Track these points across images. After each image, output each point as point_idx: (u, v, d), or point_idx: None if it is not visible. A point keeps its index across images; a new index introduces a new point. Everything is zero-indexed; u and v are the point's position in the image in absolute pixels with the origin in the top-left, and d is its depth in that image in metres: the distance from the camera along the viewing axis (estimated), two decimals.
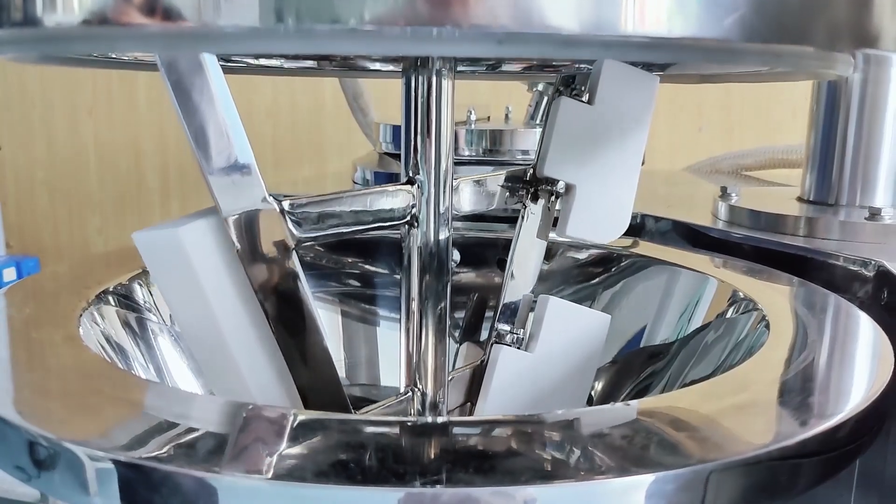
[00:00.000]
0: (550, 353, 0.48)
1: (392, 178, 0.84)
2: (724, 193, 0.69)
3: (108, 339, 0.43)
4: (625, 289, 0.60)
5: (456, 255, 0.64)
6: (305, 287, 0.38)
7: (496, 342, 0.49)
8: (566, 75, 0.48)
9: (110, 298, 0.46)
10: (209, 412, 0.32)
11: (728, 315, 0.49)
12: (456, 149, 0.81)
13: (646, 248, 0.62)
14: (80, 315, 0.40)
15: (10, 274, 1.60)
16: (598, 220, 0.48)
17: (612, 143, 0.47)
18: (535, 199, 0.49)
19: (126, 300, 0.47)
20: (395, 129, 0.86)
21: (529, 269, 0.50)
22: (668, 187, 0.97)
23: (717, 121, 1.38)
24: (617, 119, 0.46)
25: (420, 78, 0.42)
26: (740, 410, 0.32)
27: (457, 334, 0.64)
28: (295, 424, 0.30)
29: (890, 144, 0.65)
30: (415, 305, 0.45)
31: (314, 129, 1.46)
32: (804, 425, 0.30)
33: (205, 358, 0.39)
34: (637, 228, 0.71)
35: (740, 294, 0.49)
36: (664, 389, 0.51)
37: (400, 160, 0.44)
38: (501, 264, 0.55)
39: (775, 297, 0.47)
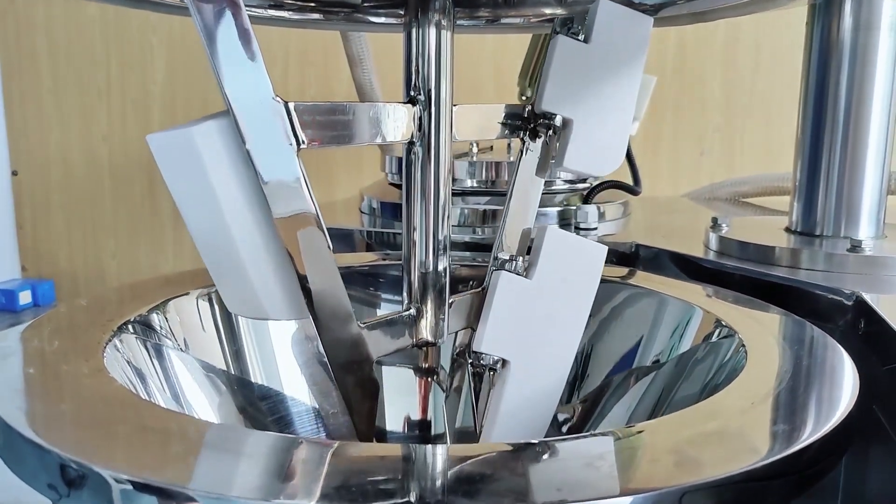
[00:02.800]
0: (549, 280, 0.49)
1: (399, 208, 0.87)
2: (715, 224, 0.71)
3: (130, 366, 0.46)
4: (618, 315, 0.62)
5: None
6: (310, 190, 0.40)
7: (496, 269, 0.50)
8: (564, 17, 0.50)
9: (130, 328, 0.49)
10: (224, 439, 0.35)
11: (711, 344, 0.51)
12: (457, 181, 0.84)
13: (640, 277, 0.65)
14: (105, 346, 0.43)
15: (25, 297, 1.64)
16: (594, 154, 0.50)
17: (608, 80, 0.48)
18: (533, 135, 0.50)
19: (145, 330, 0.50)
20: (401, 160, 0.89)
21: (528, 204, 0.52)
22: (667, 215, 1.00)
23: (718, 145, 1.41)
24: (612, 57, 0.48)
25: (421, 29, 0.45)
26: (712, 437, 0.34)
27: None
28: (305, 450, 0.33)
29: (872, 175, 0.67)
30: (416, 226, 0.47)
31: (323, 156, 1.49)
32: (770, 451, 0.33)
33: (213, 260, 0.40)
34: (633, 257, 0.74)
35: (724, 324, 0.51)
36: (654, 408, 0.53)
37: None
38: None
39: (756, 327, 0.50)
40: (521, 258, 0.50)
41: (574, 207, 0.84)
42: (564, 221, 0.82)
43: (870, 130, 0.67)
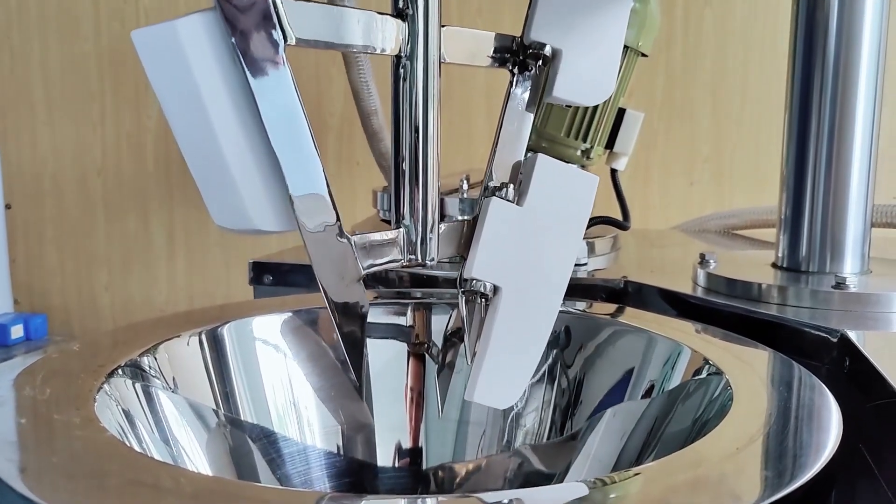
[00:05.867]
0: (540, 208, 0.49)
1: None
2: (703, 260, 0.72)
3: (122, 412, 0.46)
4: (608, 352, 0.63)
5: None
6: (297, 89, 0.40)
7: (486, 196, 0.50)
8: None
9: (121, 372, 0.49)
10: (214, 492, 0.35)
11: (698, 383, 0.52)
12: (447, 217, 0.85)
13: (629, 314, 0.65)
14: (97, 393, 0.44)
15: (17, 331, 1.63)
16: (584, 83, 0.50)
17: (597, 9, 0.49)
18: (522, 68, 0.50)
19: (137, 375, 0.50)
20: None
21: (518, 138, 0.52)
22: (657, 249, 1.01)
23: (708, 175, 1.42)
24: None
25: None
26: (697, 485, 0.35)
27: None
28: None
29: (855, 209, 0.68)
30: (405, 146, 0.47)
31: None
32: (754, 499, 0.33)
33: (199, 167, 0.40)
34: (622, 293, 0.75)
35: (711, 363, 0.51)
36: (643, 445, 0.53)
37: None
38: None
39: (743, 367, 0.50)
40: (511, 186, 0.50)
41: None
42: None
43: (852, 165, 0.68)
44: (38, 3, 1.65)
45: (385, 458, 0.61)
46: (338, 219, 0.44)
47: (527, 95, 0.51)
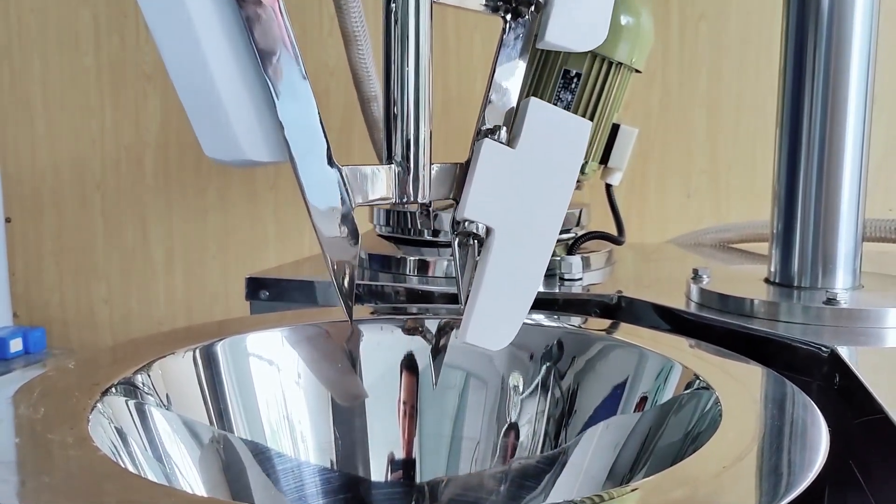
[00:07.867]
0: (533, 151, 0.50)
1: (387, 260, 0.88)
2: (696, 276, 0.72)
3: (113, 429, 0.46)
4: (600, 367, 0.63)
5: None
6: (286, 14, 0.40)
7: (479, 139, 0.50)
8: None
9: (114, 390, 0.49)
10: None
11: (689, 397, 0.52)
12: (444, 232, 0.85)
13: (622, 330, 0.65)
14: (90, 412, 0.44)
15: (16, 345, 1.64)
16: (576, 28, 0.50)
17: None
18: (515, 15, 0.51)
19: (131, 393, 0.51)
20: (389, 212, 0.90)
21: (511, 85, 0.52)
22: (653, 263, 1.01)
23: (705, 187, 1.43)
24: None
25: None
26: None
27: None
28: None
29: (846, 224, 0.68)
30: (396, 80, 0.48)
31: None
32: None
33: (190, 97, 0.40)
34: (615, 308, 0.75)
35: (701, 380, 0.52)
36: (635, 460, 0.53)
37: (396, 242, 0.48)
38: None
39: (733, 384, 0.50)
40: (504, 128, 0.50)
41: (558, 258, 0.85)
42: (549, 272, 0.83)
43: (843, 180, 0.68)
44: (38, 17, 1.66)
45: (379, 472, 0.61)
46: (328, 146, 0.44)
47: (520, 42, 0.51)
